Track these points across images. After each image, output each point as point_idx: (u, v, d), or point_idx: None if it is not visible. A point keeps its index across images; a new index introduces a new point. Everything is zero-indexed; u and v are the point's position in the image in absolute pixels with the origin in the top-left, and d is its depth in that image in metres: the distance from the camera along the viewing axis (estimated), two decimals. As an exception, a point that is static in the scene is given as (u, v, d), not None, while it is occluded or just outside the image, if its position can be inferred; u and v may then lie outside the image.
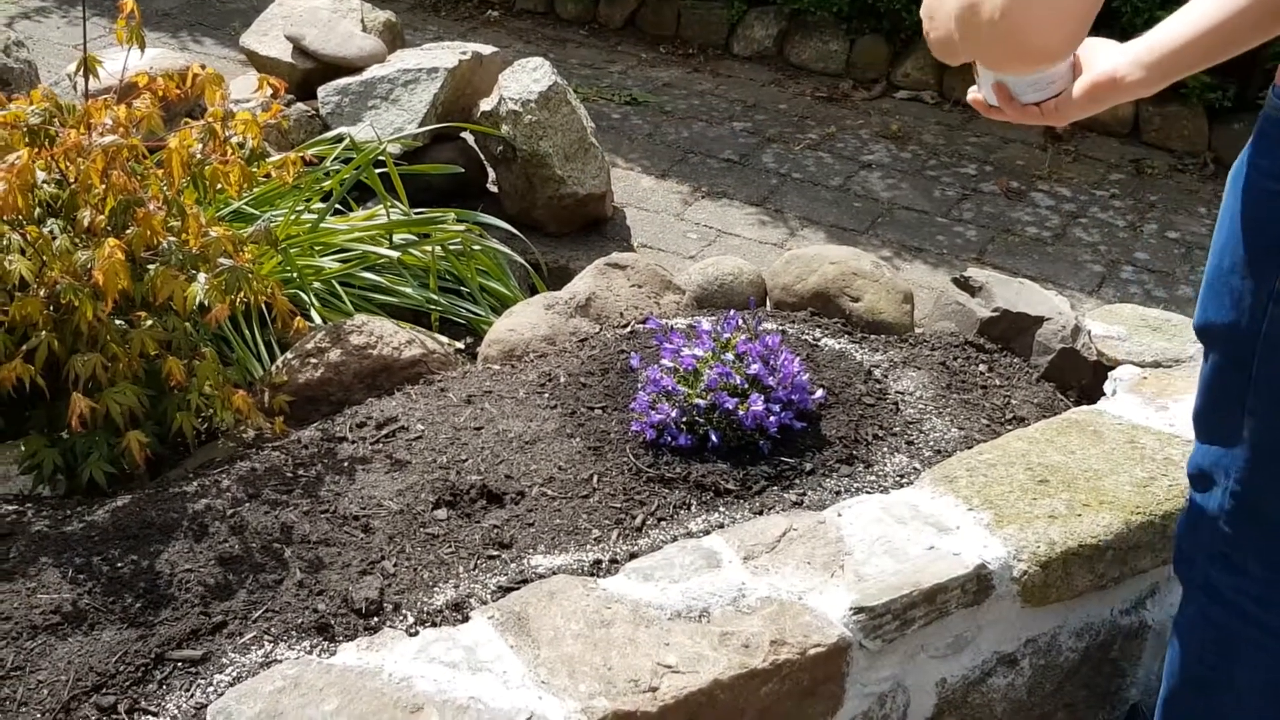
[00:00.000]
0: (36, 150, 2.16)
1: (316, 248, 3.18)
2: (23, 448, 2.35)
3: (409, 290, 3.23)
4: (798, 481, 2.29)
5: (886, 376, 2.65)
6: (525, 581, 2.00)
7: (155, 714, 1.75)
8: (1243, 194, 1.48)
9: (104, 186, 2.20)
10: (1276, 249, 1.43)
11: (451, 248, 3.36)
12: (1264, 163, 1.44)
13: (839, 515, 2.12)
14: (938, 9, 1.75)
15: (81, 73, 2.51)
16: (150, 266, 2.28)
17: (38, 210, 2.25)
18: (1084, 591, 2.11)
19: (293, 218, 3.23)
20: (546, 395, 2.54)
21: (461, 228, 3.42)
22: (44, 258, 2.19)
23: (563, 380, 2.59)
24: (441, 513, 2.16)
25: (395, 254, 3.21)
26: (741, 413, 2.31)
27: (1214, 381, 1.58)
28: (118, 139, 2.15)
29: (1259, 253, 1.45)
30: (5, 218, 2.12)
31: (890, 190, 4.72)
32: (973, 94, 1.87)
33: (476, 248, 3.41)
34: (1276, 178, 1.42)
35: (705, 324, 2.57)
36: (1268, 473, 1.55)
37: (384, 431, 2.42)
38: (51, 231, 2.23)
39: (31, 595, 1.93)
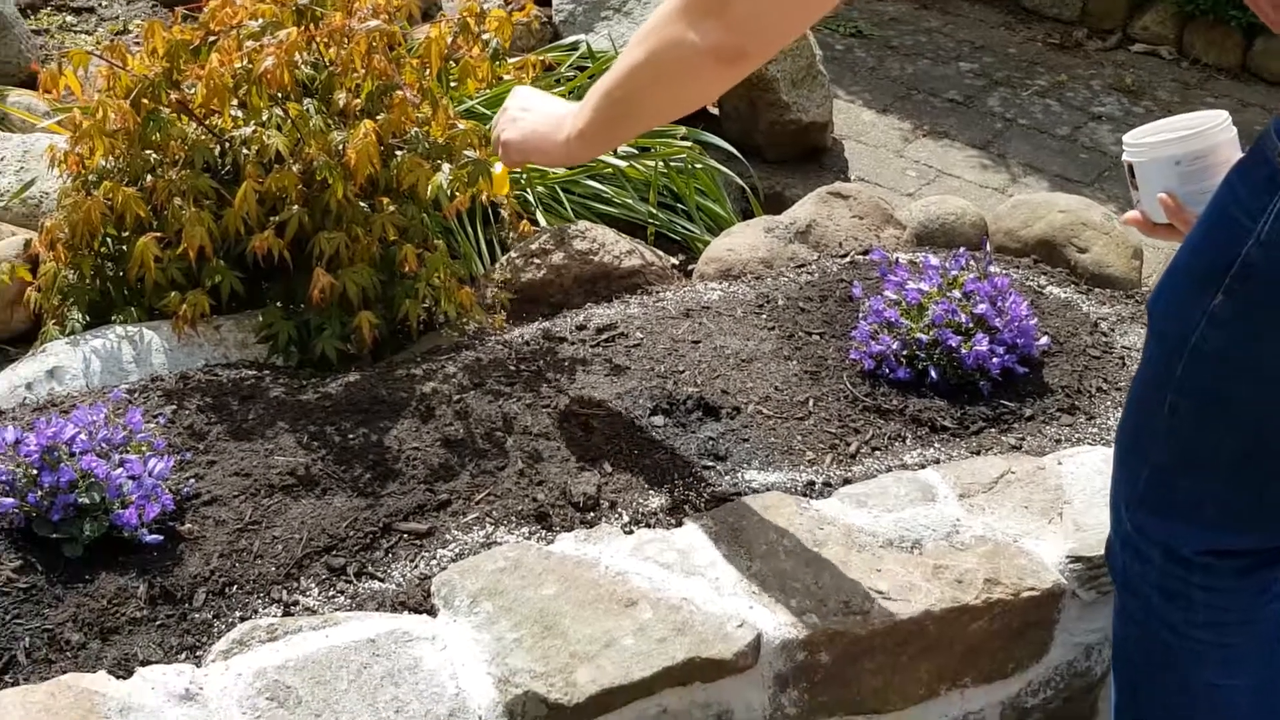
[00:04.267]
0: (302, 29, 2.23)
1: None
2: (260, 318, 2.44)
3: (630, 201, 3.25)
4: (1016, 426, 2.26)
5: (1113, 330, 2.59)
6: (739, 494, 2.01)
7: (381, 579, 1.82)
8: (1217, 207, 1.43)
9: (363, 70, 2.26)
10: (1222, 273, 1.39)
11: (674, 164, 3.37)
12: (1242, 190, 1.39)
13: (1059, 463, 2.08)
14: (538, 102, 1.92)
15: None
16: (397, 153, 2.33)
17: (292, 90, 2.32)
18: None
19: (523, 120, 3.27)
20: (764, 316, 2.54)
21: (686, 144, 3.43)
22: (300, 134, 2.26)
23: (781, 303, 2.59)
24: (658, 419, 2.19)
25: (622, 164, 3.23)
26: (964, 351, 2.28)
27: (1147, 365, 1.55)
28: (381, 24, 2.20)
29: (1208, 270, 1.42)
30: (270, 92, 2.19)
31: (1120, 144, 4.57)
32: (1128, 215, 1.81)
33: (698, 166, 3.41)
34: (1247, 212, 1.37)
35: (933, 259, 2.54)
36: (1177, 466, 1.53)
37: (603, 336, 2.46)
38: (307, 110, 2.30)
39: (269, 456, 2.02)
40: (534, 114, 1.89)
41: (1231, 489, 1.49)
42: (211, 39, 2.25)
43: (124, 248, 2.46)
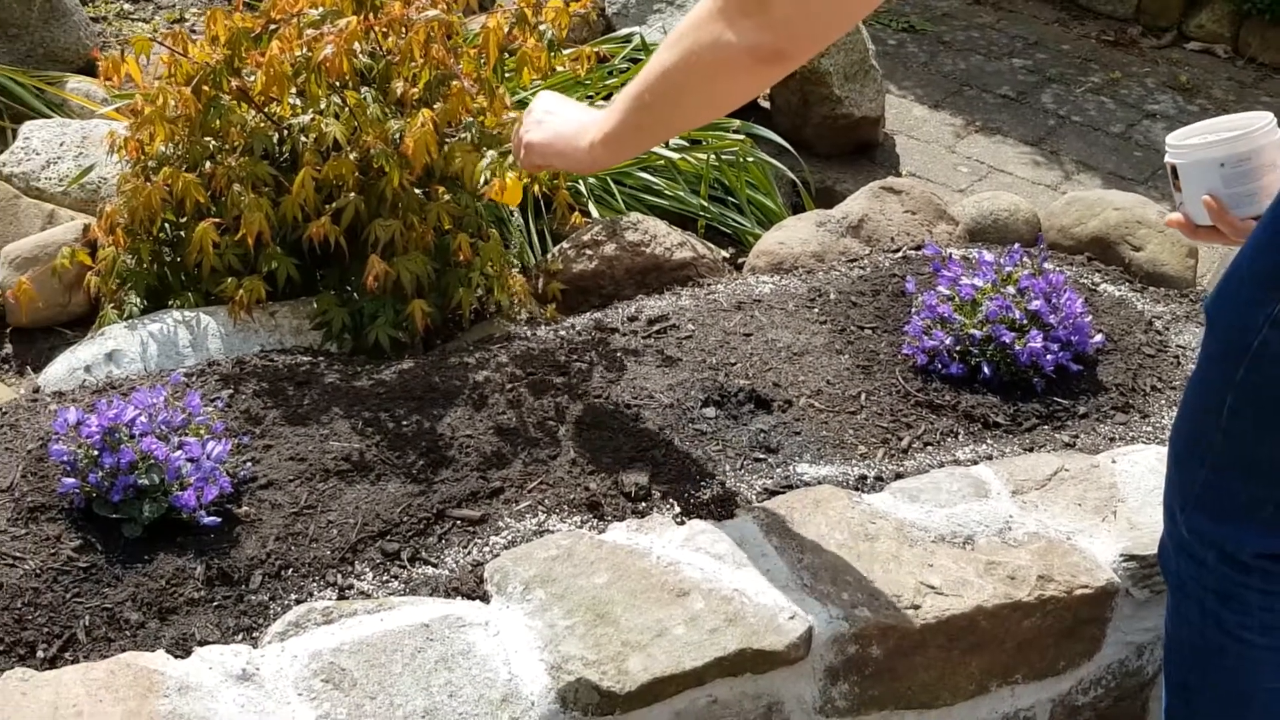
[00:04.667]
0: (361, 18, 2.24)
1: (599, 142, 3.23)
2: (315, 305, 2.46)
3: (681, 194, 3.25)
4: (1070, 423, 2.24)
5: (1168, 329, 2.57)
6: (790, 487, 2.02)
7: (435, 565, 1.84)
8: None
9: (422, 59, 2.28)
10: None
11: (725, 157, 3.37)
12: None
13: (1113, 461, 2.07)
14: (562, 107, 1.86)
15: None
16: (449, 141, 2.34)
17: (351, 79, 2.34)
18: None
19: (576, 112, 3.27)
20: (816, 310, 2.54)
21: (738, 138, 3.43)
22: (357, 123, 2.28)
23: (832, 297, 2.59)
24: (710, 411, 2.19)
25: (675, 155, 3.23)
26: (1018, 348, 2.27)
27: (1204, 368, 1.52)
28: (440, 14, 2.21)
29: (1271, 273, 1.39)
30: (329, 81, 2.20)
31: (1173, 143, 4.54)
32: (1171, 217, 1.77)
33: (750, 159, 3.41)
34: None
35: (988, 255, 2.52)
36: (1235, 469, 1.50)
37: (655, 328, 2.46)
38: (364, 99, 2.32)
39: (324, 441, 2.04)
40: (558, 118, 1.86)
41: None
42: (272, 27, 2.27)
43: (182, 233, 2.49)
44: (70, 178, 2.98)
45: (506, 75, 3.04)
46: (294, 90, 2.35)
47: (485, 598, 1.74)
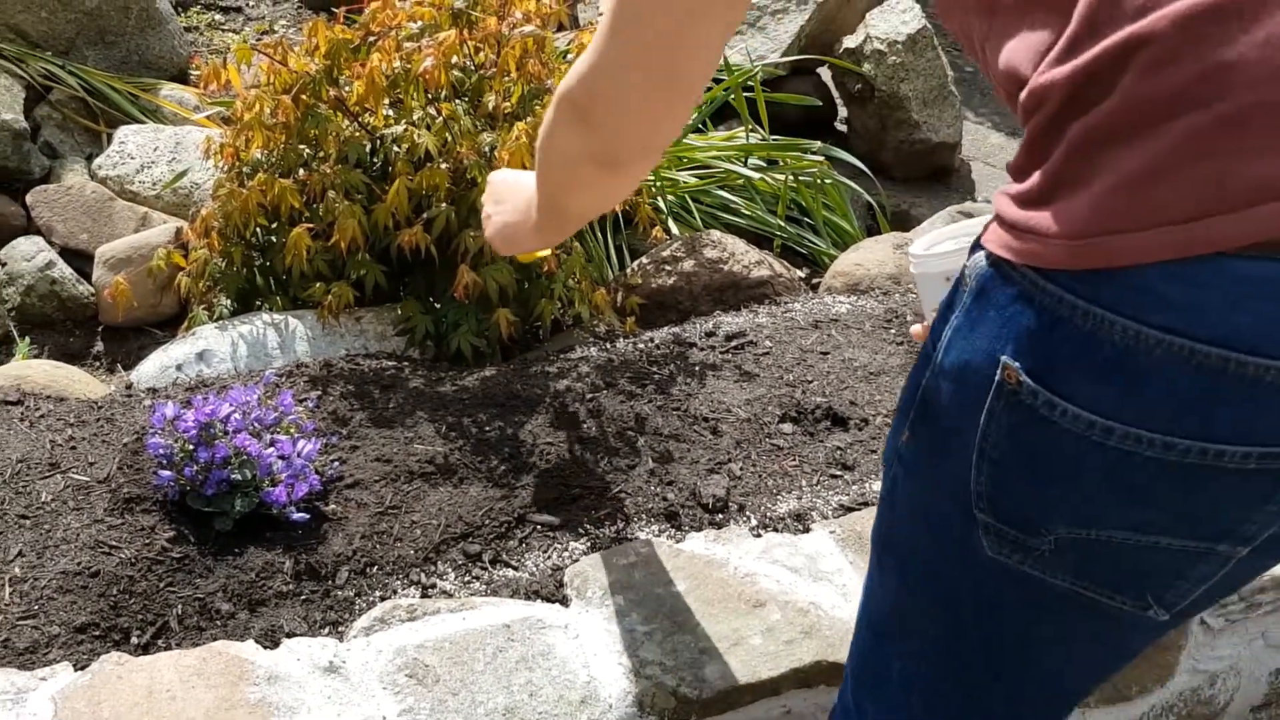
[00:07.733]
0: (458, 32, 2.29)
1: (682, 159, 3.27)
2: (399, 311, 2.51)
3: (759, 213, 3.28)
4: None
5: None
6: (866, 504, 2.03)
7: (515, 568, 1.87)
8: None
9: (516, 74, 2.32)
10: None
11: (803, 179, 3.40)
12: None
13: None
14: (508, 193, 1.57)
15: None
16: (541, 155, 2.39)
17: (446, 91, 2.39)
18: None
19: (657, 129, 3.32)
20: (893, 331, 2.56)
21: (818, 159, 3.45)
22: (449, 135, 2.33)
23: (909, 318, 2.61)
24: (787, 427, 2.22)
25: (756, 175, 3.27)
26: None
27: None
28: (536, 29, 2.26)
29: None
30: (427, 92, 2.26)
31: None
32: (914, 329, 1.47)
33: (827, 181, 3.44)
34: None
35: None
36: None
37: (733, 343, 2.49)
38: (458, 111, 2.37)
39: (409, 444, 2.08)
40: (505, 206, 1.62)
41: None
42: (371, 39, 2.33)
43: (272, 238, 2.55)
44: (163, 182, 3.06)
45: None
46: (387, 101, 2.40)
47: (565, 601, 1.78)
